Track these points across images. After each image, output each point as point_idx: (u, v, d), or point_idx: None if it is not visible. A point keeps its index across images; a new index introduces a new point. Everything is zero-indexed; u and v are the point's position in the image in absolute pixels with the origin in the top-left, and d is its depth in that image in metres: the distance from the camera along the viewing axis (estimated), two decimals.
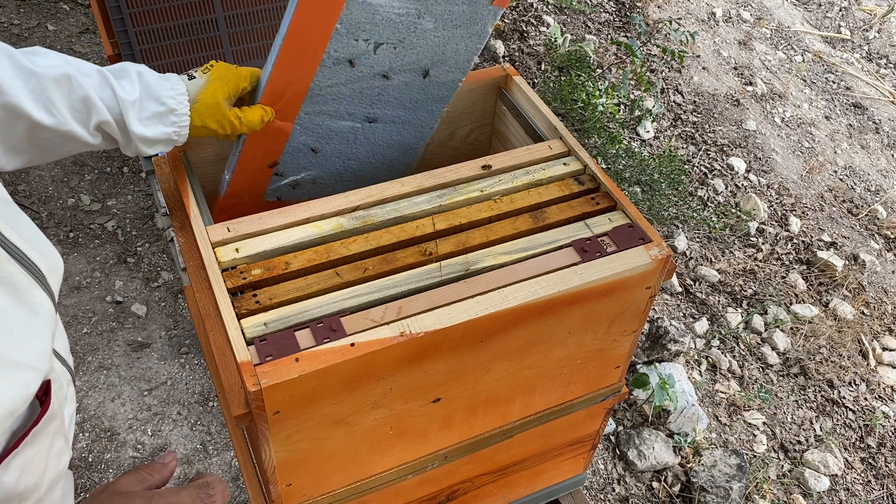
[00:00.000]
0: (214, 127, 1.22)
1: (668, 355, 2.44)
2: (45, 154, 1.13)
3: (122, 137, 1.15)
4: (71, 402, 0.92)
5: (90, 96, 1.09)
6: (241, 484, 2.10)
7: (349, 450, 1.26)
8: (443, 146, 1.67)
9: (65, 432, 0.87)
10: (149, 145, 1.17)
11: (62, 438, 0.86)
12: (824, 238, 3.07)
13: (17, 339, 0.72)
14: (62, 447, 0.86)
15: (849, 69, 4.02)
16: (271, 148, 1.36)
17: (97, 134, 1.13)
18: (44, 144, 1.11)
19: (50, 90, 1.06)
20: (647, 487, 2.23)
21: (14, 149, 1.09)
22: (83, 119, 1.10)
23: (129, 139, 1.15)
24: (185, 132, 1.19)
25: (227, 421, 1.89)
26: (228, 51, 2.30)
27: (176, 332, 2.38)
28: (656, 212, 2.93)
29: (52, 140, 1.10)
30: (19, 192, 2.67)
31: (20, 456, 0.74)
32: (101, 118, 1.10)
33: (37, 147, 1.11)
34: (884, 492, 2.37)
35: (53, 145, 1.12)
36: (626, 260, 1.24)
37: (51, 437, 0.82)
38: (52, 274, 0.83)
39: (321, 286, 1.17)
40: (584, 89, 3.20)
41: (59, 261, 0.87)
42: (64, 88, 1.07)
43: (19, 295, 0.74)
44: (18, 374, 0.71)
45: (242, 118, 1.24)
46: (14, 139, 1.07)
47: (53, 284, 0.82)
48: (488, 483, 1.63)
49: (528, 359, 1.31)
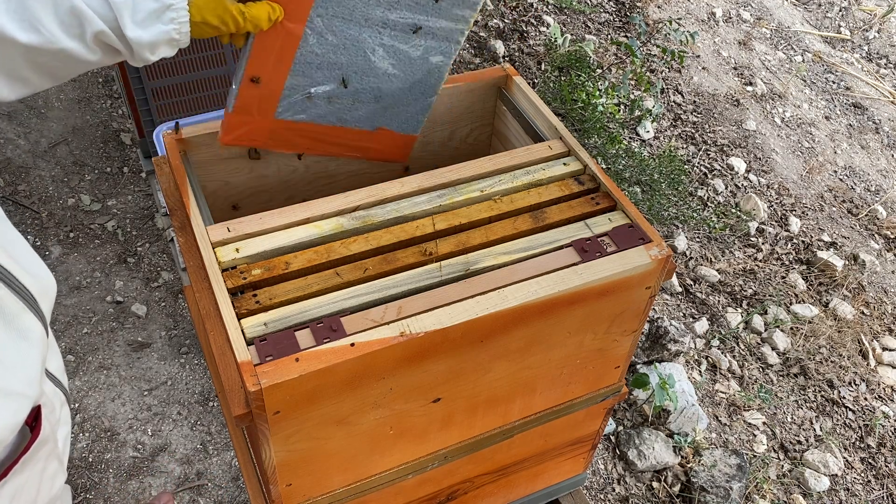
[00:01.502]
0: (216, 23, 1.12)
1: (668, 355, 2.43)
2: (49, 78, 1.07)
3: (123, 46, 1.07)
4: (65, 424, 0.90)
5: (78, 6, 1.00)
6: (241, 484, 2.10)
7: (349, 450, 1.26)
8: (443, 146, 1.67)
9: (58, 455, 0.86)
10: (151, 50, 1.08)
11: (56, 461, 0.85)
12: (824, 238, 3.07)
13: (7, 367, 0.70)
14: (56, 469, 0.85)
15: (849, 69, 4.02)
16: (281, 54, 1.27)
17: (96, 48, 1.05)
18: (45, 67, 1.04)
19: (33, 7, 0.98)
20: (647, 487, 2.23)
21: (14, 76, 1.03)
22: (77, 33, 1.02)
23: (130, 47, 1.07)
24: (185, 30, 1.10)
25: (228, 421, 1.89)
26: (228, 51, 2.30)
27: (176, 332, 2.38)
28: (656, 212, 2.93)
29: (51, 62, 1.04)
30: (19, 192, 2.67)
31: (10, 483, 0.72)
32: (95, 28, 1.02)
33: (39, 71, 1.04)
34: (884, 492, 2.37)
35: (54, 68, 1.05)
36: (626, 260, 1.24)
37: (43, 461, 0.80)
38: (43, 297, 0.81)
39: (321, 286, 1.17)
40: (584, 89, 3.20)
41: (52, 282, 0.85)
42: (48, 2, 0.99)
43: (9, 321, 0.73)
44: (7, 403, 0.69)
45: (247, 13, 1.15)
46: (12, 66, 1.01)
47: (45, 307, 0.81)
48: (488, 483, 1.63)
49: (528, 359, 1.31)
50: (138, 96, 2.31)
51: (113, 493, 2.05)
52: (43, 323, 0.79)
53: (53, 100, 2.98)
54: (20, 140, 2.83)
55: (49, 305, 0.83)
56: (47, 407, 0.80)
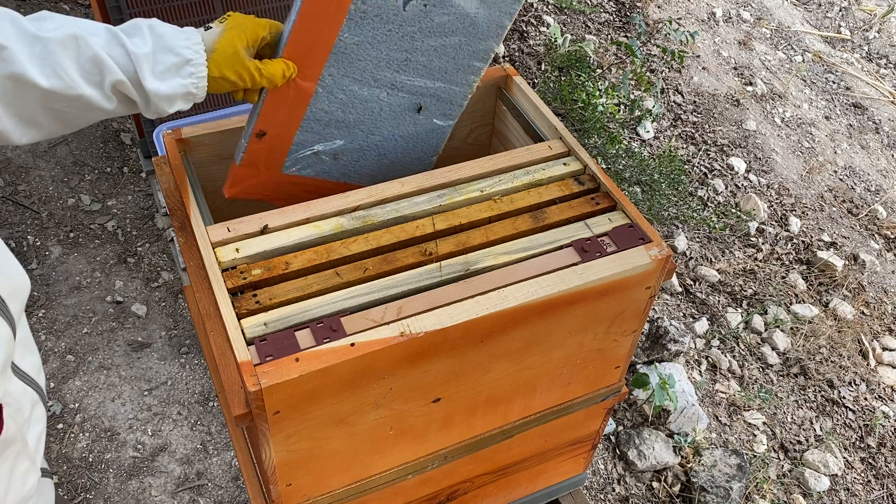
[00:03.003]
0: (234, 78, 1.14)
1: (668, 355, 2.43)
2: (63, 125, 1.08)
3: (140, 97, 1.08)
4: (38, 423, 0.90)
5: (99, 55, 1.02)
6: (241, 484, 2.10)
7: (349, 450, 1.26)
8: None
9: (30, 454, 0.85)
10: (167, 102, 1.10)
11: (26, 460, 0.84)
12: (824, 238, 3.07)
13: None
14: (27, 468, 0.84)
15: (849, 69, 4.02)
16: (292, 111, 1.29)
17: (112, 97, 1.07)
18: (60, 114, 1.05)
19: (57, 53, 1.00)
20: (647, 487, 2.23)
21: (29, 120, 1.04)
22: (96, 81, 1.04)
23: (147, 98, 1.08)
24: (203, 84, 1.11)
25: (228, 421, 1.89)
26: None
27: (176, 332, 2.38)
28: (656, 212, 2.93)
29: (68, 108, 1.05)
30: (19, 192, 2.67)
31: None
32: (114, 78, 1.04)
33: (53, 117, 1.05)
34: (884, 492, 2.37)
35: (70, 114, 1.06)
36: (626, 260, 1.24)
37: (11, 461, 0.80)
38: (13, 297, 0.80)
39: (321, 286, 1.17)
40: (584, 89, 3.20)
41: (25, 281, 0.84)
42: (71, 50, 1.01)
43: None
44: None
45: (263, 70, 1.16)
46: (27, 110, 1.02)
47: (14, 307, 0.79)
48: (488, 483, 1.63)
49: (528, 359, 1.31)
50: None
51: (113, 493, 2.05)
52: (10, 323, 0.78)
53: None
54: None
55: (20, 304, 0.82)
56: (12, 407, 0.79)
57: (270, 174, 1.37)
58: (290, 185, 1.40)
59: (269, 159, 1.35)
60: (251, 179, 1.36)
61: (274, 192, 1.41)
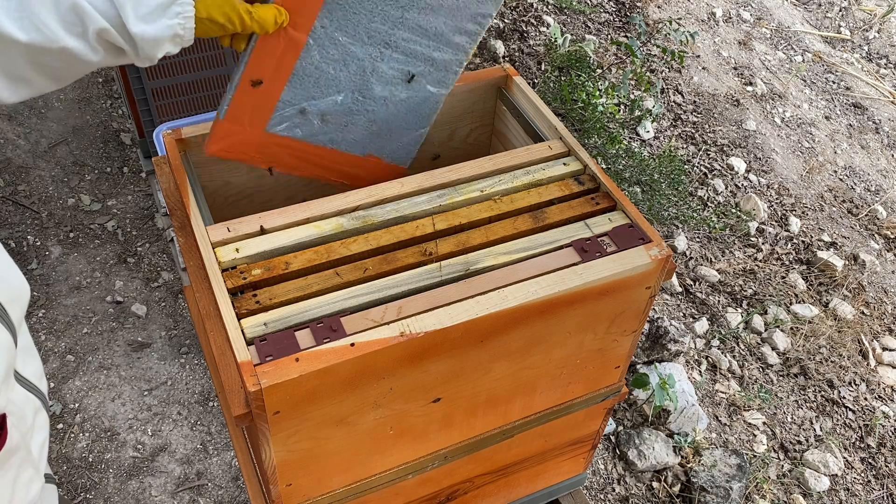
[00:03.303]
0: (222, 20, 1.10)
1: (668, 355, 2.43)
2: (53, 80, 1.05)
3: (127, 43, 1.04)
4: (41, 430, 0.89)
5: (79, 3, 0.98)
6: (241, 484, 2.10)
7: (349, 450, 1.26)
8: (443, 146, 1.67)
9: (33, 462, 0.84)
10: (155, 46, 1.05)
11: (30, 468, 0.83)
12: (824, 238, 3.07)
13: None
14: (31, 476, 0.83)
15: (849, 69, 4.02)
16: (281, 63, 1.25)
17: (98, 47, 1.03)
18: (47, 69, 1.02)
19: (33, 4, 0.96)
20: (647, 487, 2.23)
21: (17, 77, 1.01)
22: (78, 31, 1.00)
23: (134, 43, 1.04)
24: (190, 25, 1.06)
25: (228, 421, 1.89)
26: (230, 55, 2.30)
27: (176, 332, 2.38)
28: (656, 212, 2.93)
29: (54, 62, 1.02)
30: (19, 193, 2.67)
31: None
32: (97, 26, 0.99)
33: (41, 73, 1.02)
34: (884, 492, 2.37)
35: (58, 69, 1.03)
36: (626, 260, 1.24)
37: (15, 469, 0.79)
38: (13, 303, 0.79)
39: (321, 286, 1.17)
40: (584, 89, 3.20)
41: (25, 288, 0.83)
42: (48, 1, 0.97)
43: None
44: None
45: (254, 13, 1.12)
46: (13, 67, 0.99)
47: (14, 314, 0.79)
48: (488, 483, 1.63)
49: (528, 359, 1.31)
50: (138, 96, 2.31)
51: (113, 493, 2.05)
52: (10, 331, 0.77)
53: (53, 100, 2.98)
54: (20, 140, 2.83)
55: (20, 311, 0.81)
56: (15, 415, 0.79)
57: (255, 132, 1.32)
58: (274, 147, 1.36)
59: (254, 115, 1.29)
60: (234, 136, 1.31)
61: (257, 153, 1.36)
